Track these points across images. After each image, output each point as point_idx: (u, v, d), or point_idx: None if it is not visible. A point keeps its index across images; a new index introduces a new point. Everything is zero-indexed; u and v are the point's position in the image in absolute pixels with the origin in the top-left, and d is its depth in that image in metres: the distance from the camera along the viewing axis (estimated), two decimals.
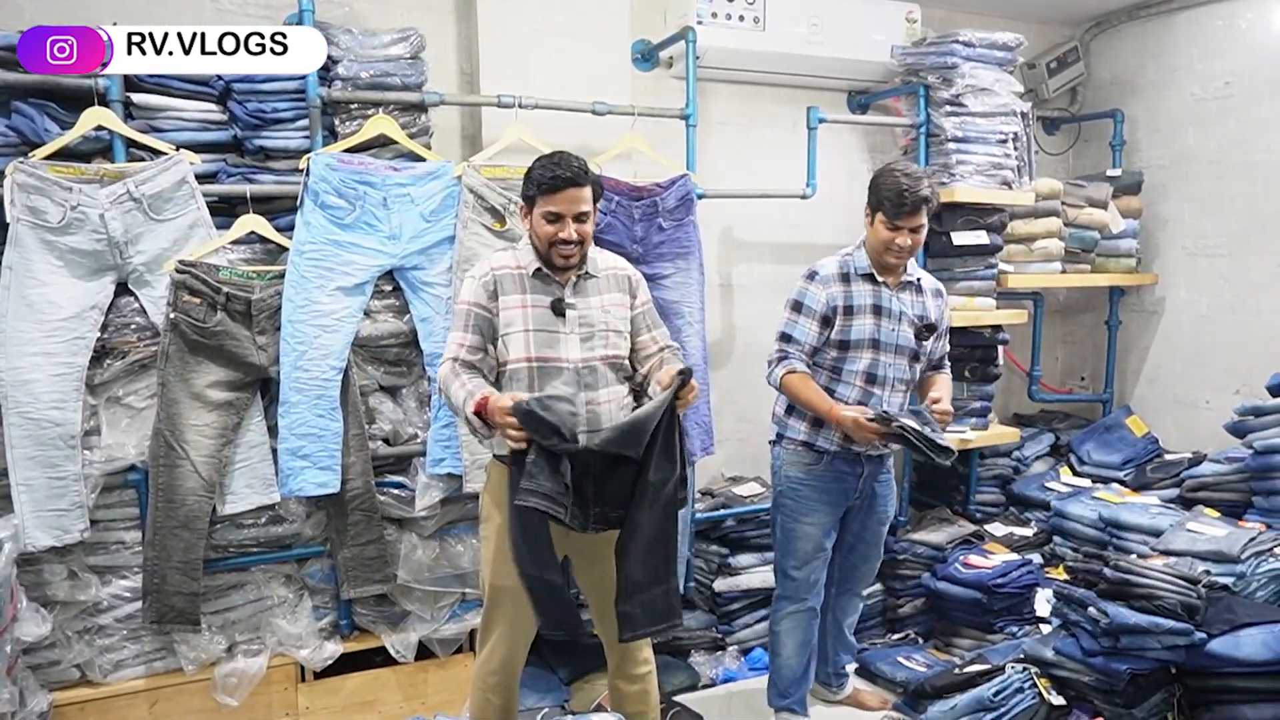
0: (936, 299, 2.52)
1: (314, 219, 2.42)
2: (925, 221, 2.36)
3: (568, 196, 1.97)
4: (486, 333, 2.05)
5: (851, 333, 2.41)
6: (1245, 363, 3.51)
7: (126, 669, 2.42)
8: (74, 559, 2.35)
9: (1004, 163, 3.39)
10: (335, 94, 2.48)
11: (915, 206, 2.31)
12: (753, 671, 2.98)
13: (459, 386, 1.96)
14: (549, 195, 1.97)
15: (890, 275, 2.44)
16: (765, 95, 3.50)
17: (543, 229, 2.00)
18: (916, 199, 2.30)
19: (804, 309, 2.43)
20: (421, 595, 2.64)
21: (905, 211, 2.31)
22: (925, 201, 2.32)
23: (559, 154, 2.02)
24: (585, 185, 2.00)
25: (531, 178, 2.01)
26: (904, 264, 2.42)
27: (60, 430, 2.24)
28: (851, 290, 2.42)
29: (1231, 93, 3.55)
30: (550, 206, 1.98)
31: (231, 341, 2.37)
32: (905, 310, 2.44)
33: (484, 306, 2.03)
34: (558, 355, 2.01)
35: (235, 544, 2.48)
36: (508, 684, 2.16)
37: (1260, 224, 3.48)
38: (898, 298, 2.44)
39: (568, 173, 1.97)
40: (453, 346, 2.05)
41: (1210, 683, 2.33)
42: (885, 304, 2.42)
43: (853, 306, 2.41)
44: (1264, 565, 2.64)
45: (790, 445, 2.52)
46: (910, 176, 2.33)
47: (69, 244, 2.24)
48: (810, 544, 2.52)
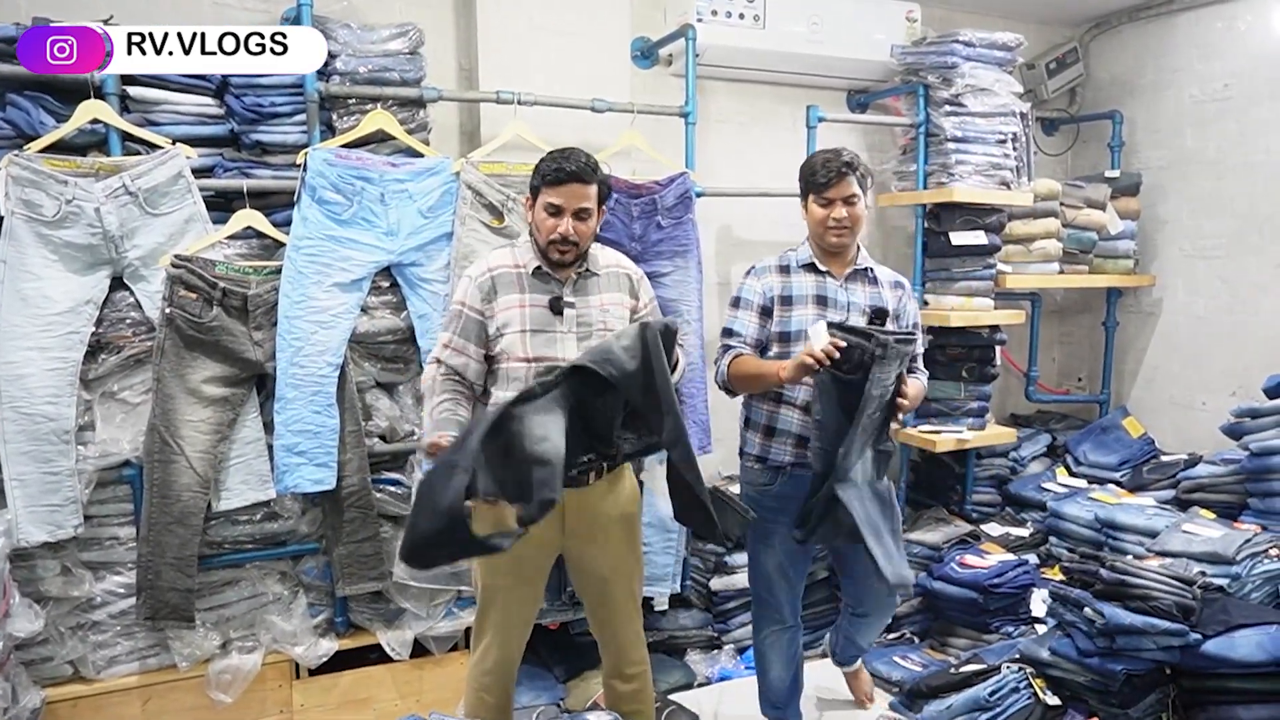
0: (896, 290, 2.34)
1: (311, 214, 2.41)
2: (858, 191, 2.22)
3: (571, 191, 1.95)
4: (474, 336, 2.03)
5: (791, 323, 2.25)
6: (1242, 364, 3.51)
7: (120, 665, 2.41)
8: (67, 555, 2.34)
9: (1003, 163, 3.39)
10: (333, 89, 2.47)
11: (838, 172, 2.19)
12: (748, 670, 2.97)
13: (432, 407, 1.98)
14: (552, 187, 1.96)
15: (835, 264, 2.28)
16: (765, 94, 3.50)
17: (543, 222, 1.98)
18: (838, 164, 2.19)
19: (741, 302, 2.30)
20: (417, 593, 2.63)
21: (830, 179, 2.19)
22: (848, 166, 2.19)
23: (570, 149, 2.00)
24: (590, 182, 1.98)
25: (539, 168, 2.00)
26: (849, 244, 2.26)
27: (54, 425, 2.22)
28: (790, 281, 2.28)
29: (1230, 94, 3.55)
30: (552, 198, 1.96)
31: (227, 337, 2.36)
32: (856, 300, 2.27)
33: (476, 309, 2.02)
34: (555, 355, 2.00)
35: (230, 540, 2.47)
36: (503, 683, 2.15)
37: (1258, 226, 3.48)
38: (846, 288, 2.28)
39: (573, 166, 1.95)
40: (438, 347, 2.06)
41: (1205, 683, 2.33)
42: (831, 294, 2.26)
43: (791, 297, 2.27)
44: (1259, 567, 2.65)
45: (746, 460, 2.37)
46: (828, 150, 2.26)
47: (64, 238, 2.23)
48: (771, 565, 2.38)
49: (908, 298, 2.36)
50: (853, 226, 2.24)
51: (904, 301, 2.35)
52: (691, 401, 2.91)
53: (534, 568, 2.10)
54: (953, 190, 3.27)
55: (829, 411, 2.11)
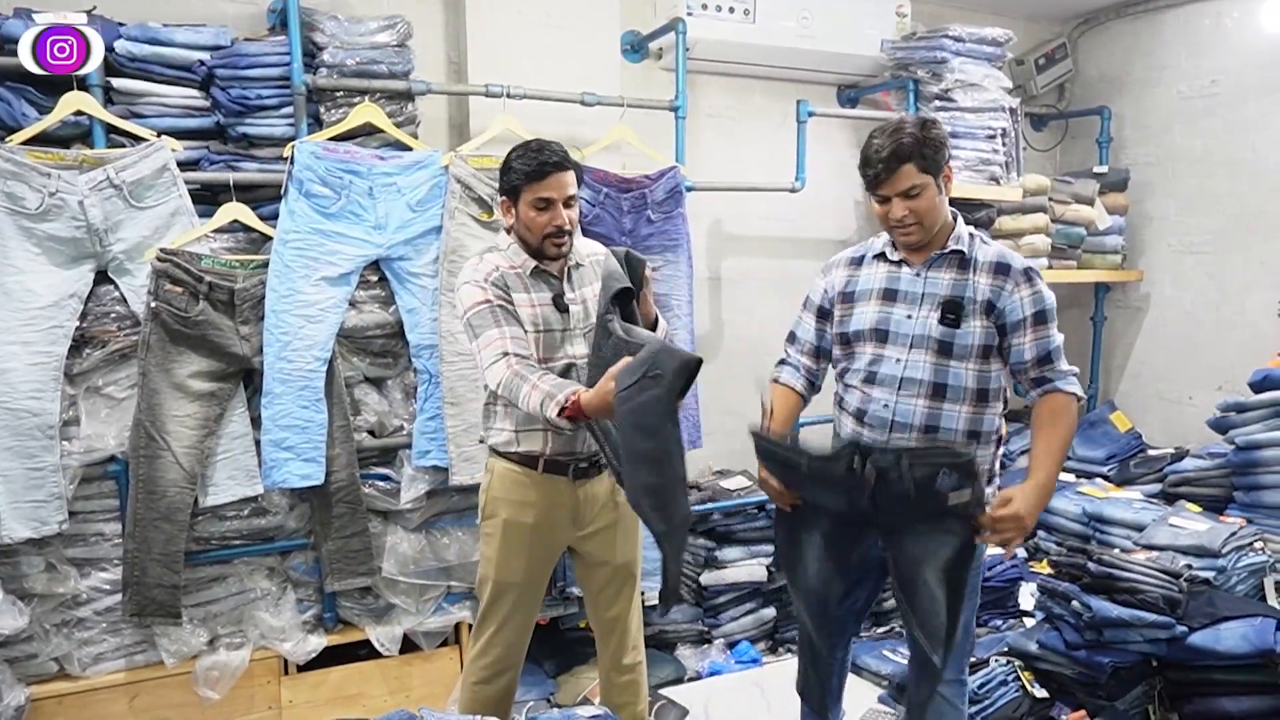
0: (996, 276, 1.85)
1: (298, 208, 2.39)
2: (918, 180, 1.80)
3: (557, 181, 1.92)
4: (518, 321, 1.93)
5: (851, 323, 1.95)
6: (1228, 359, 3.54)
7: (106, 662, 2.39)
8: (52, 551, 2.31)
9: (992, 158, 3.40)
10: (320, 81, 2.45)
11: (888, 168, 1.80)
12: (739, 665, 2.98)
13: (535, 384, 1.79)
14: (538, 182, 1.92)
15: (914, 251, 1.92)
16: (755, 88, 3.49)
17: (535, 219, 1.93)
18: (885, 158, 1.80)
19: (807, 303, 2.08)
20: (406, 588, 2.62)
21: (878, 177, 1.83)
22: (896, 158, 1.79)
23: (536, 141, 1.96)
24: (570, 169, 1.96)
25: (513, 168, 1.94)
26: (921, 241, 1.88)
27: (38, 420, 2.20)
28: (859, 274, 1.98)
29: (1218, 91, 3.57)
30: (541, 193, 1.92)
31: (214, 331, 2.34)
32: (935, 291, 1.87)
33: (504, 299, 1.93)
34: (564, 354, 1.99)
35: (217, 536, 2.45)
36: (505, 679, 2.13)
37: (1245, 222, 3.51)
38: (926, 277, 1.89)
39: (553, 157, 1.92)
40: (494, 347, 1.86)
41: (1191, 675, 2.36)
42: (904, 286, 1.91)
43: (854, 292, 1.97)
44: (1244, 559, 2.67)
45: None
46: (882, 133, 1.83)
47: (47, 231, 2.20)
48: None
49: (1018, 285, 1.85)
50: (921, 221, 1.85)
51: (1010, 291, 1.85)
52: None
53: (546, 563, 2.10)
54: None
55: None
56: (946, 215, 1.91)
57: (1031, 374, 1.86)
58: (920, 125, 1.83)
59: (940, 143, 1.84)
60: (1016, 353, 1.86)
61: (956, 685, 2.03)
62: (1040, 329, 1.84)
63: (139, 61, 2.33)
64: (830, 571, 1.93)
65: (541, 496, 2.01)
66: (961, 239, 1.90)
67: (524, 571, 2.05)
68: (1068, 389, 1.85)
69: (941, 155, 1.85)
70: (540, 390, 1.78)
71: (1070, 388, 1.85)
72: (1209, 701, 2.33)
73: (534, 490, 2.01)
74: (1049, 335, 1.85)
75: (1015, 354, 1.86)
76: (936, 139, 1.83)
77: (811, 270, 2.43)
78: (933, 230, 1.88)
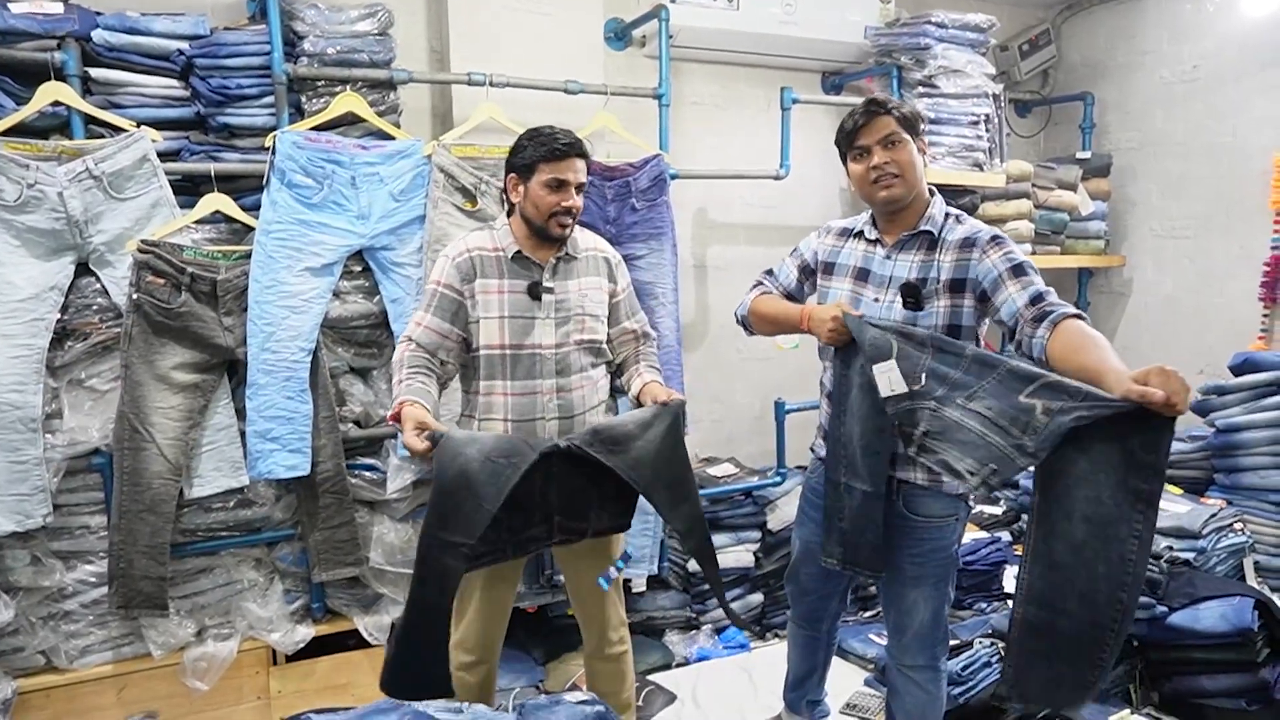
0: (963, 250, 1.85)
1: (280, 198, 2.38)
2: (898, 129, 1.85)
3: (573, 165, 1.96)
4: (450, 315, 1.99)
5: (829, 296, 2.02)
6: (1209, 343, 3.57)
7: (93, 655, 2.39)
8: (37, 544, 2.31)
9: (975, 144, 3.41)
10: (301, 70, 2.43)
11: (867, 113, 1.86)
12: (727, 650, 3.00)
13: (399, 380, 1.92)
14: (555, 162, 1.94)
15: (892, 228, 1.94)
16: (739, 75, 3.49)
17: (545, 198, 1.95)
18: (864, 109, 1.87)
19: (795, 251, 2.14)
20: (394, 578, 2.63)
21: (859, 122, 1.87)
22: (879, 106, 1.86)
23: (550, 126, 1.99)
24: (585, 157, 2.00)
25: (531, 148, 1.96)
26: (902, 197, 1.88)
27: (20, 414, 2.19)
28: (843, 248, 2.02)
29: (1199, 76, 3.59)
30: (555, 174, 1.94)
31: (197, 323, 2.33)
32: (899, 274, 1.90)
33: (454, 289, 1.99)
34: (533, 342, 1.99)
35: (204, 528, 2.45)
36: (486, 666, 2.14)
37: (1225, 206, 3.54)
38: (895, 259, 1.91)
39: (571, 140, 1.96)
40: (411, 325, 2.01)
41: (1171, 654, 2.39)
42: (874, 268, 1.94)
43: (834, 264, 2.02)
44: (1224, 540, 2.71)
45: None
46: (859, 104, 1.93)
47: (26, 223, 2.19)
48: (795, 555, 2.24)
49: (985, 251, 1.83)
50: (902, 174, 1.85)
51: (978, 259, 1.83)
52: (667, 384, 2.91)
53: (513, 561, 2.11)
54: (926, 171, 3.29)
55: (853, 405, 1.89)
56: (924, 188, 1.93)
57: (1029, 314, 1.73)
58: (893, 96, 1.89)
59: (916, 114, 1.90)
60: (1009, 307, 1.77)
61: (930, 671, 2.06)
62: (1022, 278, 1.78)
63: (116, 51, 2.31)
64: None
65: None
66: (934, 220, 1.90)
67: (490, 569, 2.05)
68: (1073, 312, 1.70)
69: (918, 123, 1.89)
70: (401, 386, 1.90)
71: (1073, 311, 1.70)
72: (1189, 680, 2.37)
73: None
74: (1033, 282, 1.78)
75: (1008, 309, 1.77)
76: (913, 110, 1.92)
77: None
78: (913, 188, 1.88)
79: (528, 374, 1.99)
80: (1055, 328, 1.67)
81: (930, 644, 2.04)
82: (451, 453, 1.70)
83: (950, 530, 1.96)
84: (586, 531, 1.95)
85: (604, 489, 1.91)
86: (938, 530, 1.93)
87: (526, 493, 1.79)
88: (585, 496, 1.89)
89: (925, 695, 2.06)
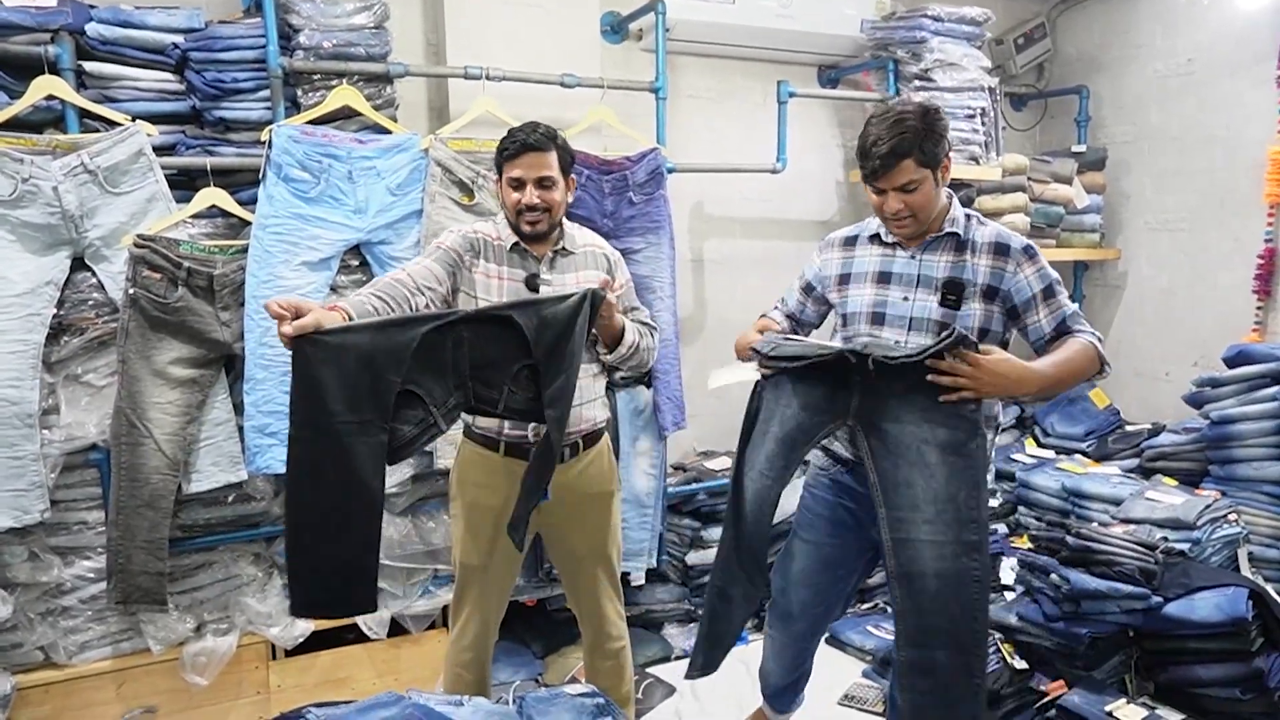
0: (997, 257, 1.85)
1: (277, 192, 2.37)
2: (915, 176, 1.78)
3: (529, 161, 1.96)
4: (449, 269, 1.96)
5: (848, 305, 1.98)
6: (1204, 335, 3.59)
7: (92, 650, 2.39)
8: (35, 540, 2.30)
9: (971, 138, 3.42)
10: (297, 64, 2.43)
11: (885, 163, 1.77)
12: None
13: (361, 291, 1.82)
14: (512, 160, 1.97)
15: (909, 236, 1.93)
16: (736, 69, 3.49)
17: (509, 196, 1.99)
18: (884, 154, 1.77)
19: (800, 275, 2.13)
20: (393, 572, 2.63)
21: (875, 171, 1.80)
22: (897, 155, 1.76)
23: (528, 122, 2.01)
24: (548, 150, 1.98)
25: (499, 146, 2.01)
26: (911, 232, 1.89)
27: (17, 409, 2.18)
28: (854, 256, 2.00)
29: (1193, 69, 3.60)
30: (512, 172, 1.97)
31: (194, 318, 2.32)
32: (931, 274, 1.87)
33: (458, 252, 1.99)
34: None
35: (202, 523, 2.45)
36: (481, 660, 2.17)
37: (1219, 199, 3.55)
38: (921, 260, 1.89)
39: (529, 137, 1.96)
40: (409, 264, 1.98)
41: (1166, 645, 2.41)
42: (898, 269, 1.91)
43: (850, 275, 1.99)
44: (1218, 531, 2.73)
45: None
46: (883, 121, 1.79)
47: (21, 218, 2.18)
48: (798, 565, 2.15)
49: (1020, 265, 1.84)
50: (916, 215, 1.84)
51: (1013, 272, 1.84)
52: (665, 378, 2.92)
53: (510, 548, 2.11)
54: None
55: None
56: (941, 201, 1.90)
57: (1053, 338, 1.85)
58: (922, 116, 1.78)
59: (941, 135, 1.81)
60: (1035, 330, 1.86)
61: None
62: (1051, 301, 1.85)
63: (110, 44, 2.30)
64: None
65: (504, 480, 2.00)
66: (957, 221, 1.89)
67: (488, 554, 2.07)
68: (1089, 337, 1.81)
69: (941, 148, 1.82)
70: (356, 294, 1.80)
71: (1090, 337, 1.82)
72: (1184, 670, 2.38)
73: (497, 473, 2.02)
74: (1062, 306, 1.85)
75: (1034, 331, 1.86)
76: (938, 132, 1.80)
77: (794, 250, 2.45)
78: (926, 223, 1.88)
79: None
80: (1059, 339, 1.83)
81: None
82: (336, 338, 1.58)
83: None
84: (499, 404, 1.77)
85: (516, 368, 1.76)
86: None
87: (437, 359, 1.67)
88: (498, 371, 1.75)
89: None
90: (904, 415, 1.72)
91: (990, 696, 2.36)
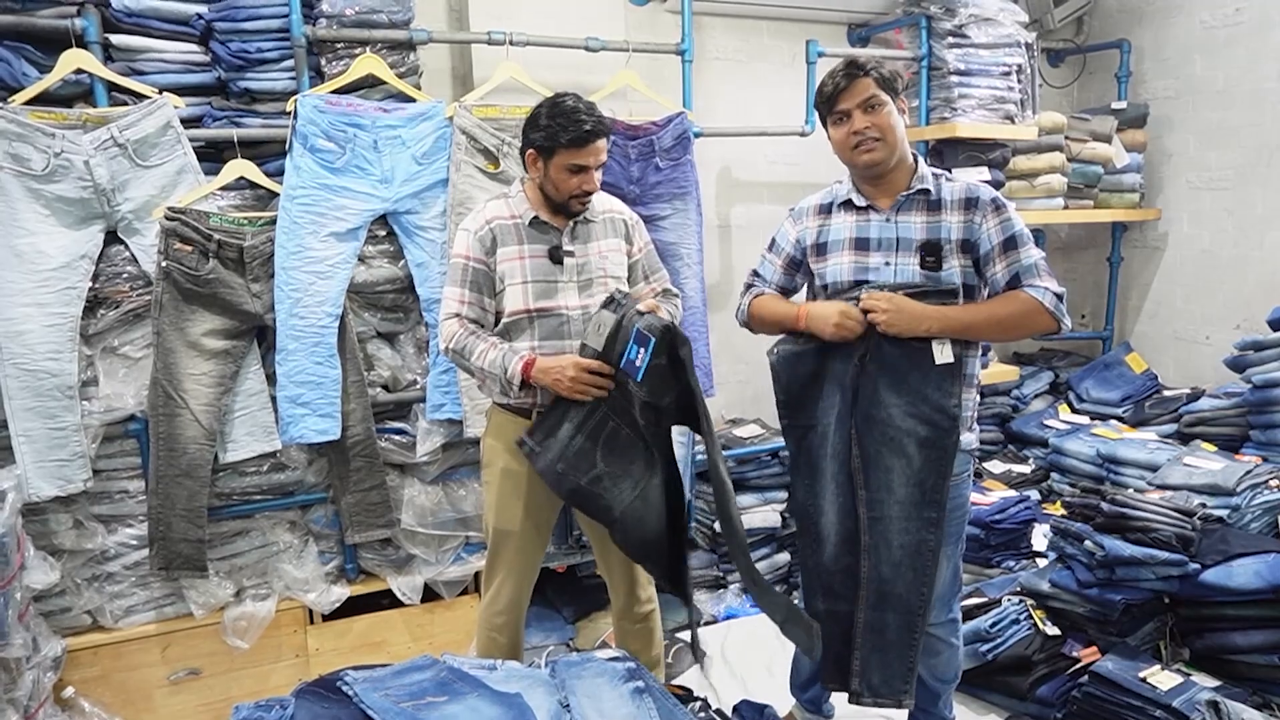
0: (966, 211, 1.86)
1: (303, 163, 2.37)
2: (878, 93, 1.82)
3: (596, 149, 1.94)
4: (485, 287, 2.01)
5: (827, 275, 1.94)
6: (1246, 297, 3.49)
7: (137, 614, 2.46)
8: (79, 508, 2.36)
9: (1007, 96, 3.33)
10: (320, 32, 2.41)
11: (847, 75, 1.83)
12: (754, 609, 3.02)
13: (487, 346, 1.94)
14: (578, 149, 1.91)
15: (881, 194, 1.91)
16: (763, 29, 3.41)
17: (566, 182, 1.95)
18: (843, 72, 1.84)
19: (774, 246, 2.06)
20: (425, 539, 2.67)
21: (839, 86, 1.84)
22: (858, 69, 1.83)
23: (573, 100, 1.94)
24: (608, 134, 1.97)
25: (551, 129, 1.92)
26: (884, 160, 1.86)
27: (57, 381, 2.23)
28: (830, 224, 1.96)
29: (1242, 19, 3.45)
30: (577, 160, 1.93)
31: (225, 289, 2.35)
32: (908, 235, 1.87)
33: (481, 260, 1.99)
34: (556, 305, 2.00)
35: (239, 491, 2.50)
36: (514, 624, 2.20)
37: (1266, 156, 3.42)
38: (896, 221, 1.89)
39: (594, 124, 1.92)
40: (452, 303, 2.00)
41: (1203, 611, 2.37)
42: (874, 233, 1.90)
43: (826, 243, 1.95)
44: (1259, 497, 2.68)
45: None
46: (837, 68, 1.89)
47: (55, 192, 2.20)
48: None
49: (985, 215, 1.85)
50: (883, 137, 1.83)
51: (979, 223, 1.85)
52: (694, 345, 2.89)
53: (543, 514, 2.13)
54: (955, 125, 3.21)
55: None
56: (908, 151, 1.92)
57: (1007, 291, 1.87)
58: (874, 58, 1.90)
59: (896, 74, 1.90)
60: (993, 285, 1.88)
61: (952, 624, 2.08)
62: (1011, 254, 1.84)
63: (136, 16, 2.30)
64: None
65: None
66: (925, 178, 1.90)
67: (521, 519, 2.09)
68: (1034, 291, 1.81)
69: (897, 85, 1.88)
70: (499, 348, 1.94)
71: (1037, 293, 1.81)
72: (1220, 636, 2.35)
73: None
74: (1019, 259, 1.84)
75: (993, 286, 1.88)
76: (892, 70, 1.91)
77: None
78: (894, 152, 1.87)
79: (554, 334, 2.00)
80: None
81: (950, 599, 2.05)
82: None
83: (965, 486, 1.98)
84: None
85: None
86: (955, 489, 1.92)
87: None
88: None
89: (949, 648, 2.07)
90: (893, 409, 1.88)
91: (1021, 662, 2.36)
